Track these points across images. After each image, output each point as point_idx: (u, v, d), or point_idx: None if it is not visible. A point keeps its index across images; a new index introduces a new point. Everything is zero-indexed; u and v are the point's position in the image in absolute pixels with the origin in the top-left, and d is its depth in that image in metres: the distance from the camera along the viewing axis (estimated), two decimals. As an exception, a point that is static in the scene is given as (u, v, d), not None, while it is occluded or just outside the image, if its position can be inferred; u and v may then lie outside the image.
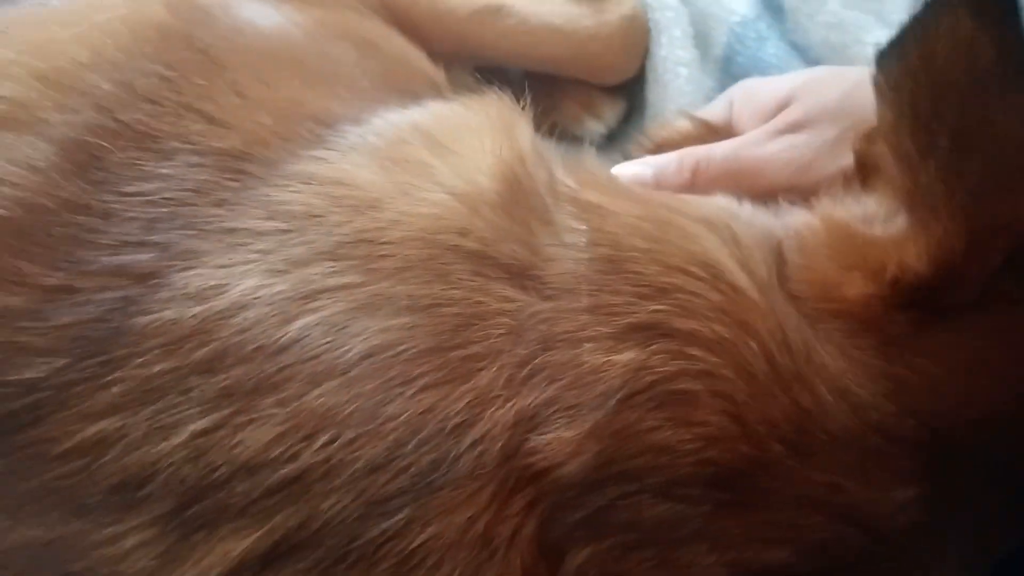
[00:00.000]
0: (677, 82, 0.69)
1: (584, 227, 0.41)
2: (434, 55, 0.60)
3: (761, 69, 0.69)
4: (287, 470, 0.36)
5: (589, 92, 0.73)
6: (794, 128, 0.55)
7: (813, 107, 0.55)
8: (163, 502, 0.36)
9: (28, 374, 0.38)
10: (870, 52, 0.67)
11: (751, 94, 0.58)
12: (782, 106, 0.56)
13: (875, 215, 0.41)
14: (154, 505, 0.36)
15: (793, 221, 0.43)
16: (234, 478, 0.36)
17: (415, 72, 0.56)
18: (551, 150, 0.47)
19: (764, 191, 0.50)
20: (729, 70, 0.70)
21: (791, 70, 0.69)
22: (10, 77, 0.43)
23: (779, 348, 0.38)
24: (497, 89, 0.49)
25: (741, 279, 0.39)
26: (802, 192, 0.47)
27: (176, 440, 0.36)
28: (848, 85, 0.55)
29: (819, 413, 0.37)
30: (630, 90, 0.74)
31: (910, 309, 0.39)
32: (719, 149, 0.56)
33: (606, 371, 0.37)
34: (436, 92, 0.55)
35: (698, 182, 0.56)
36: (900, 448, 0.38)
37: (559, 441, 0.36)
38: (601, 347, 0.38)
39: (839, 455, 0.37)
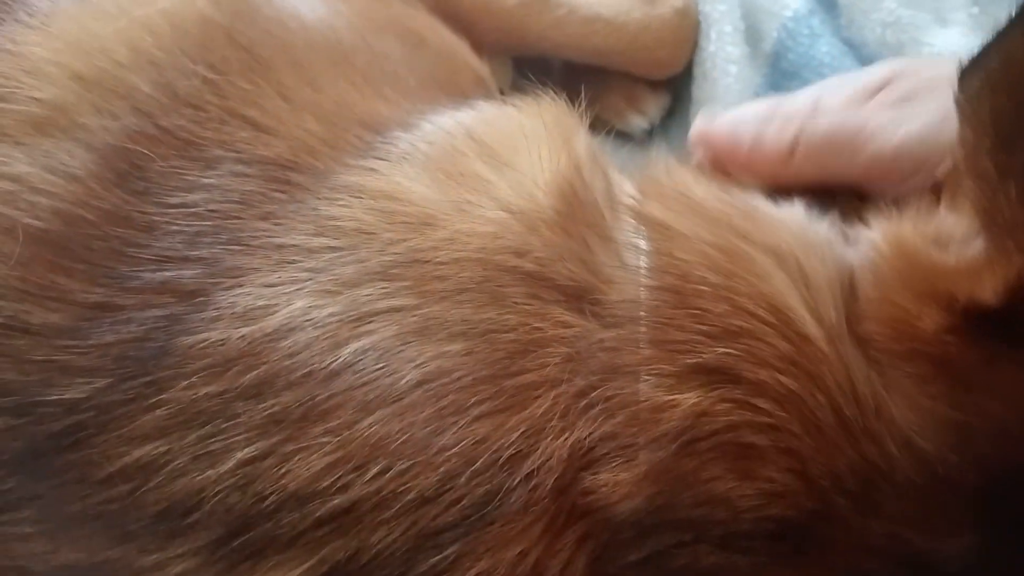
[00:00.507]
0: (726, 80, 0.67)
1: (647, 247, 0.40)
2: (478, 45, 0.58)
3: (813, 67, 0.67)
4: (337, 501, 0.35)
5: (633, 86, 0.71)
6: (902, 101, 0.48)
7: (920, 82, 0.49)
8: (210, 531, 0.36)
9: (69, 394, 0.37)
10: (927, 52, 0.66)
11: (841, 82, 0.51)
12: (881, 86, 0.50)
13: (950, 236, 0.39)
14: (200, 533, 0.36)
15: (865, 243, 0.41)
16: (282, 508, 0.35)
17: (461, 68, 0.54)
18: (608, 155, 0.46)
19: (865, 168, 0.46)
20: (779, 67, 0.68)
21: (844, 69, 0.67)
22: (47, 78, 0.41)
23: (847, 401, 0.36)
24: (551, 91, 0.47)
25: (810, 327, 0.37)
26: (902, 174, 0.45)
27: (223, 467, 0.35)
28: (949, 68, 0.50)
29: (885, 466, 0.36)
30: (675, 85, 0.72)
31: (983, 342, 0.37)
32: (824, 116, 0.49)
33: (667, 412, 0.36)
34: (483, 89, 0.54)
35: (797, 154, 0.49)
36: (960, 497, 0.36)
37: (615, 482, 0.35)
38: (663, 385, 0.36)
39: (901, 506, 0.36)
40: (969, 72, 0.38)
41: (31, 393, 0.37)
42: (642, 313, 0.38)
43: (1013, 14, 0.36)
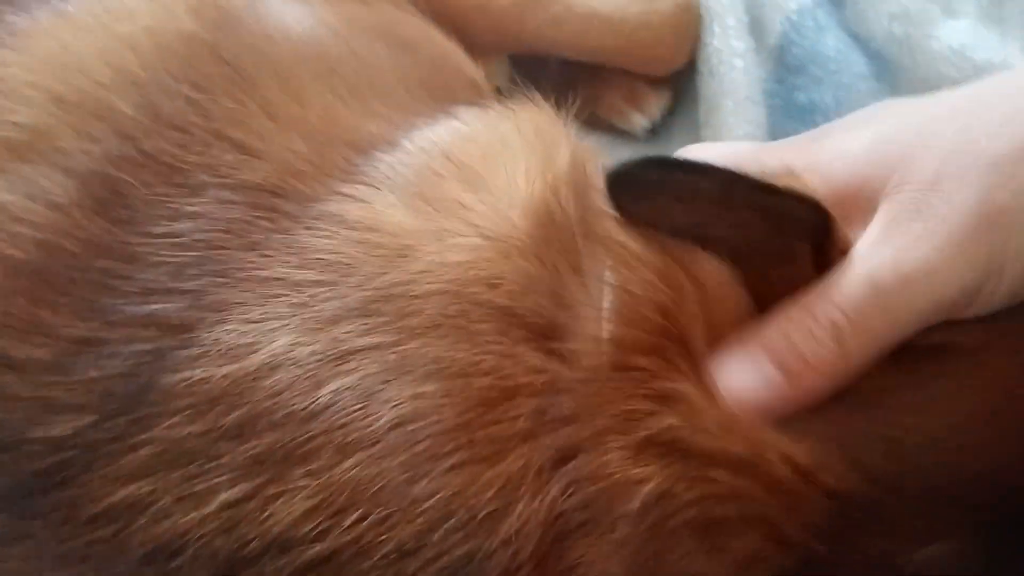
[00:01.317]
0: (732, 75, 0.66)
1: (613, 281, 0.38)
2: (472, 46, 0.57)
3: (819, 62, 0.66)
4: (318, 548, 0.35)
5: (633, 83, 0.70)
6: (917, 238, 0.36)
7: (914, 194, 0.37)
8: (196, 575, 0.36)
9: (55, 431, 0.37)
10: (936, 46, 0.65)
11: (817, 178, 0.39)
12: (869, 195, 0.37)
13: None
14: None
15: None
16: (266, 554, 0.35)
17: (454, 73, 0.54)
18: (605, 158, 0.44)
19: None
20: (784, 61, 0.67)
21: (851, 63, 0.66)
22: (26, 101, 0.41)
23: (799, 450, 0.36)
24: (538, 96, 0.46)
25: None
26: None
27: (207, 509, 0.35)
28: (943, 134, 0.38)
29: (852, 497, 0.35)
30: (677, 82, 0.71)
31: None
32: (849, 287, 0.35)
33: (632, 488, 0.35)
34: (477, 94, 0.53)
35: (851, 356, 0.36)
36: (921, 505, 0.36)
37: (592, 556, 0.35)
38: (625, 458, 0.35)
39: (878, 527, 0.36)
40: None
41: (16, 430, 0.37)
42: (602, 370, 0.36)
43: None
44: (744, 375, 0.35)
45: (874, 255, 0.35)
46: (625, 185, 0.36)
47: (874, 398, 0.36)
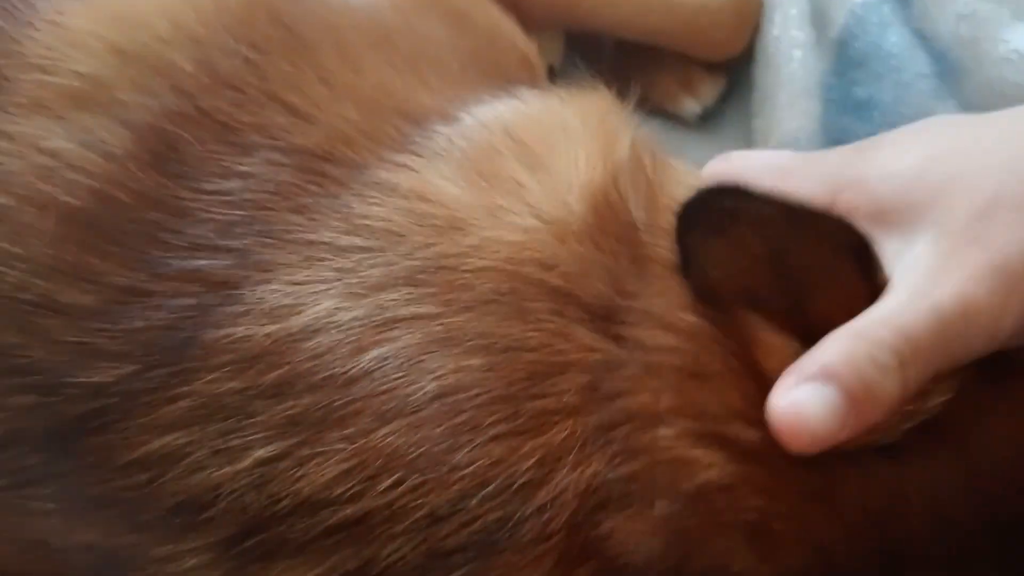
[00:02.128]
0: (790, 66, 0.65)
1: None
2: (526, 20, 0.57)
3: (881, 57, 0.65)
4: (349, 510, 0.36)
5: (688, 68, 0.69)
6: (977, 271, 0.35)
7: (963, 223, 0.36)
8: (223, 528, 0.37)
9: (96, 378, 0.38)
10: (1002, 49, 0.64)
11: (862, 194, 0.39)
12: (914, 213, 0.37)
13: None
14: (214, 530, 0.37)
15: None
16: (296, 512, 0.36)
17: (507, 49, 0.53)
18: (655, 158, 0.44)
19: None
20: (845, 55, 0.66)
21: (913, 62, 0.65)
22: (87, 50, 0.42)
23: (874, 495, 0.35)
24: (600, 84, 0.46)
25: None
26: None
27: (241, 465, 0.36)
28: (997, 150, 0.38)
29: (908, 547, 0.35)
30: (732, 69, 0.70)
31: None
32: (914, 316, 0.34)
33: (687, 469, 0.35)
34: (529, 71, 0.53)
35: (909, 385, 0.34)
36: (975, 547, 0.36)
37: (628, 529, 0.35)
38: (686, 437, 0.35)
39: (926, 559, 0.36)
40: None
41: (59, 373, 0.38)
42: (672, 351, 0.37)
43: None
44: (806, 400, 0.33)
45: (937, 285, 0.35)
46: (696, 219, 0.35)
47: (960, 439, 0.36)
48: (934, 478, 0.35)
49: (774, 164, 0.44)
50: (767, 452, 0.34)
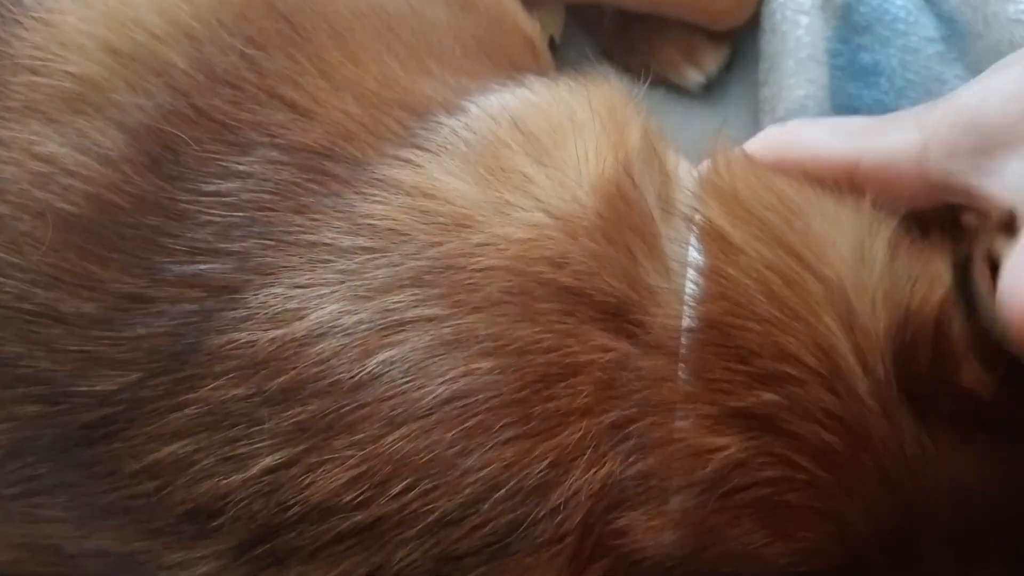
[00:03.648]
0: (796, 32, 0.65)
1: (699, 262, 0.39)
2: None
3: (886, 22, 0.65)
4: (359, 516, 0.36)
5: (691, 37, 0.69)
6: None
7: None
8: (233, 536, 0.37)
9: (101, 386, 0.38)
10: (1011, 10, 0.63)
11: (959, 127, 0.39)
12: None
13: None
14: (224, 537, 0.37)
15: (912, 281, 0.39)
16: (305, 519, 0.36)
17: (511, 31, 0.53)
18: (666, 145, 0.44)
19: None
20: (850, 20, 0.66)
21: (920, 26, 0.65)
22: (81, 51, 0.41)
23: (895, 464, 0.36)
24: (610, 72, 0.46)
25: (859, 381, 0.36)
26: None
27: (248, 473, 0.37)
28: None
29: (931, 527, 0.36)
30: (738, 38, 0.70)
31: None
32: (885, 140, 0.40)
33: (704, 456, 0.36)
34: (533, 54, 0.53)
35: (857, 174, 0.41)
36: (999, 553, 0.37)
37: (644, 526, 0.36)
38: (701, 426, 0.36)
39: (941, 561, 0.37)
40: None
41: (63, 383, 0.38)
42: (686, 341, 0.37)
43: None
44: None
45: None
46: None
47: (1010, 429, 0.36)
48: (966, 460, 0.36)
49: (843, 129, 0.43)
50: (781, 416, 0.35)
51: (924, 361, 0.37)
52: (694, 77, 0.70)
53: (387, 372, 0.37)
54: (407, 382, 0.36)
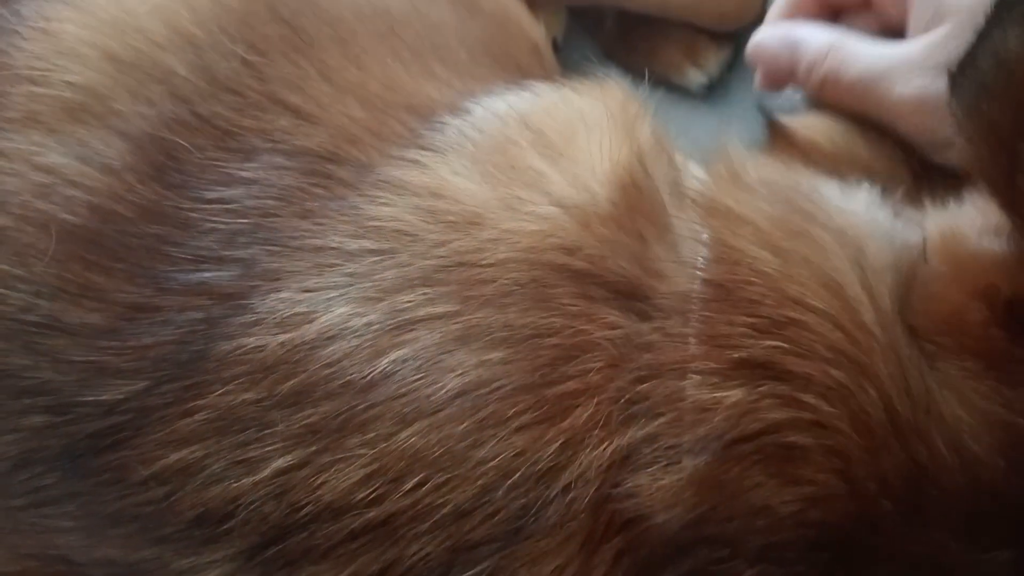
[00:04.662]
0: (801, 32, 0.66)
1: (706, 237, 0.41)
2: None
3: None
4: (372, 513, 0.37)
5: (693, 38, 0.70)
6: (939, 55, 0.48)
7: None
8: (244, 539, 0.38)
9: (107, 396, 0.39)
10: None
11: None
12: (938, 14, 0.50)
13: (985, 227, 0.40)
14: (235, 541, 0.38)
15: (920, 229, 0.42)
16: (318, 519, 0.37)
17: (516, 34, 0.54)
18: (664, 118, 0.46)
19: (891, 114, 0.49)
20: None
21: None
22: (81, 60, 0.42)
23: (900, 396, 0.37)
24: (617, 76, 0.47)
25: (866, 313, 0.38)
26: (927, 124, 0.47)
27: (259, 476, 0.37)
28: None
29: (934, 469, 0.37)
30: (740, 36, 0.70)
31: None
32: (855, 65, 0.51)
33: (710, 410, 0.37)
34: (537, 58, 0.54)
35: (825, 98, 0.53)
36: (1004, 506, 0.37)
37: (656, 487, 0.37)
38: (708, 383, 0.37)
39: (946, 513, 0.37)
40: (960, 79, 0.37)
41: (69, 393, 0.39)
42: (692, 307, 0.39)
43: (990, 12, 0.36)
44: None
45: None
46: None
47: (1017, 371, 0.37)
48: (973, 406, 0.37)
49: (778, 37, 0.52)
50: (785, 360, 0.37)
51: (929, 299, 0.38)
52: (696, 78, 0.71)
53: (398, 371, 0.37)
54: (418, 379, 0.37)
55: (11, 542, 0.41)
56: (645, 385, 0.38)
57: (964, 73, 0.37)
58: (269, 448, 0.37)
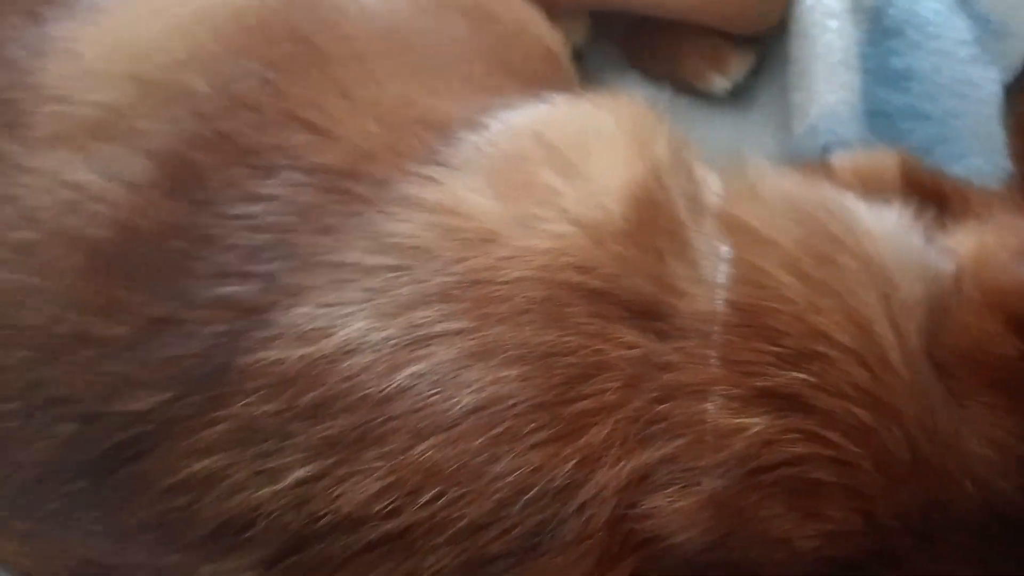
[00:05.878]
0: (826, 36, 0.67)
1: (729, 254, 0.42)
2: (554, 4, 0.59)
3: (916, 24, 0.67)
4: (389, 525, 0.38)
5: (715, 43, 0.71)
6: None
7: None
8: (264, 547, 0.40)
9: (133, 406, 0.41)
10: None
11: None
12: None
13: (1019, 249, 0.41)
14: (256, 549, 0.40)
15: (948, 255, 0.42)
16: (336, 530, 0.39)
17: (533, 44, 0.56)
18: (693, 154, 0.46)
19: None
20: (880, 23, 0.68)
21: (950, 28, 0.67)
22: (103, 78, 0.45)
23: (925, 437, 0.38)
24: (633, 90, 0.48)
25: (892, 353, 0.39)
26: None
27: (279, 486, 0.39)
28: None
29: (956, 506, 0.38)
30: (764, 43, 0.72)
31: None
32: None
33: (732, 437, 0.38)
34: (555, 67, 0.56)
35: None
36: (1018, 535, 0.38)
37: (673, 509, 0.38)
38: (729, 407, 0.38)
39: (962, 542, 0.38)
40: (1017, 95, 0.38)
41: (96, 403, 0.41)
42: (714, 328, 0.40)
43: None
44: None
45: None
46: None
47: None
48: (997, 438, 0.38)
49: None
50: (810, 394, 0.37)
51: (960, 332, 0.39)
52: (720, 83, 0.72)
53: (415, 385, 0.39)
54: (435, 394, 0.39)
55: (40, 547, 0.43)
56: (664, 405, 0.39)
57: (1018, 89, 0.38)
58: (289, 459, 0.39)
